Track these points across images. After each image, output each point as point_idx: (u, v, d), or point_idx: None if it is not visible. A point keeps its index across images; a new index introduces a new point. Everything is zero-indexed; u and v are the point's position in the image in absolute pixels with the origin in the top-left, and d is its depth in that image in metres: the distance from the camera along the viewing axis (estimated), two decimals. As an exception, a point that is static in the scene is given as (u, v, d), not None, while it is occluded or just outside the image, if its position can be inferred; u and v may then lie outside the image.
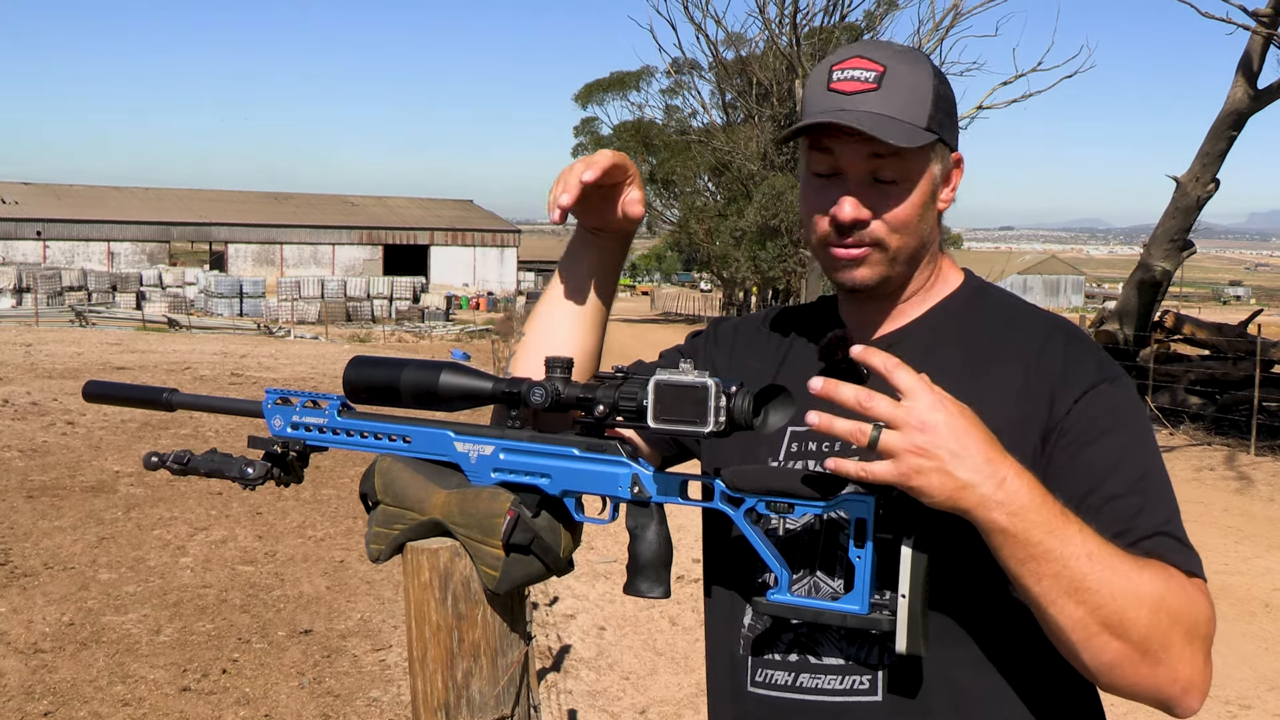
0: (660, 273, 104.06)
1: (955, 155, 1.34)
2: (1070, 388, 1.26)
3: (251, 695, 4.92)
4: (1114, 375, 1.30)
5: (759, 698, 1.33)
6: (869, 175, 1.28)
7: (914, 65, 1.29)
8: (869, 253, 1.30)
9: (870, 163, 1.27)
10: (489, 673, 1.25)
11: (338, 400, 1.34)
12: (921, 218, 1.31)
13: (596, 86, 46.41)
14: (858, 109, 1.25)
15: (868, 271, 1.31)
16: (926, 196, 1.30)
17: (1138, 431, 1.27)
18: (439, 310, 44.72)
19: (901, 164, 1.27)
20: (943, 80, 1.31)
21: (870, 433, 1.09)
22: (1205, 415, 13.60)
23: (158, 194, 61.85)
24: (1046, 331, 1.33)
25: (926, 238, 1.34)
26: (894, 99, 1.26)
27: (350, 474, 9.17)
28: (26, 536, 7.26)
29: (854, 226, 1.29)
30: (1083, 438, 1.23)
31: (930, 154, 1.29)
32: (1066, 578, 1.10)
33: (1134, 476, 1.23)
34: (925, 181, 1.29)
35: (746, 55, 33.86)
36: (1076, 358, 1.30)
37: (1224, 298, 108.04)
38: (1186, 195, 14.03)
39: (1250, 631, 6.09)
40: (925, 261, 1.37)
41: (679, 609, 6.19)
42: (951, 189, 1.35)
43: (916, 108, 1.27)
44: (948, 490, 1.08)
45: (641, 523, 1.23)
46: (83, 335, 26.48)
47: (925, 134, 1.26)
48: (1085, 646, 1.13)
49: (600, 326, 1.45)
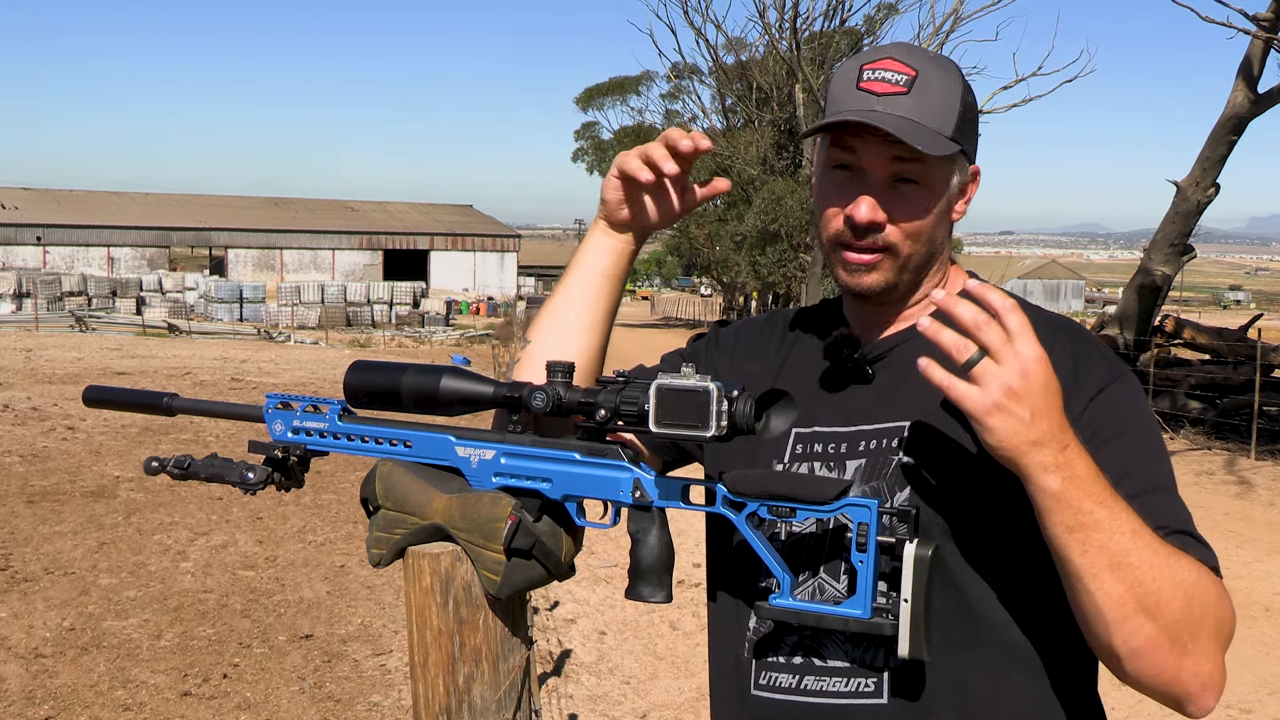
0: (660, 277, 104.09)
1: (974, 168, 1.34)
2: (1085, 387, 1.26)
3: (252, 700, 4.91)
4: (1123, 374, 1.30)
5: (763, 700, 1.33)
6: (889, 178, 1.28)
7: (945, 73, 1.29)
8: (881, 258, 1.30)
9: (892, 165, 1.27)
10: (490, 678, 1.25)
11: (338, 405, 1.34)
12: (936, 226, 1.31)
13: (596, 91, 46.44)
14: (888, 111, 1.26)
15: (877, 277, 1.31)
16: (943, 206, 1.31)
17: (1149, 431, 1.28)
18: (439, 315, 44.70)
19: (923, 170, 1.27)
20: (969, 91, 1.31)
21: (972, 353, 1.08)
22: (1205, 420, 13.60)
23: (158, 199, 61.89)
24: (1052, 332, 1.31)
25: (937, 247, 1.34)
26: (923, 105, 1.26)
27: (351, 479, 9.17)
28: (27, 541, 7.26)
29: (869, 229, 1.29)
30: (1098, 437, 1.22)
31: (952, 164, 1.30)
32: (1111, 550, 1.10)
33: (1150, 476, 1.23)
34: (943, 191, 1.30)
35: (746, 60, 33.92)
36: (1087, 357, 1.30)
37: (1224, 302, 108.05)
38: (1187, 200, 14.04)
39: (1251, 636, 6.09)
40: (933, 270, 1.37)
41: (679, 614, 6.18)
42: (966, 201, 1.35)
43: (944, 116, 1.27)
44: (1018, 440, 1.09)
45: (643, 527, 1.23)
46: (83, 340, 26.48)
47: (950, 143, 1.27)
48: (1119, 627, 1.12)
49: (608, 331, 1.45)
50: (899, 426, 1.30)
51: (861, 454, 1.31)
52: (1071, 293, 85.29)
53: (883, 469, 1.29)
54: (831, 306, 1.49)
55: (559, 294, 1.44)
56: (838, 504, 1.15)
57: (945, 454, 1.27)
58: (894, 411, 1.32)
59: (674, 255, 77.42)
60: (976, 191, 1.37)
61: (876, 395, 1.34)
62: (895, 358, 1.35)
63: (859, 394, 1.36)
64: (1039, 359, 1.09)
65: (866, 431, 1.32)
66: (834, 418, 1.35)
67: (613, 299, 1.43)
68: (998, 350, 1.08)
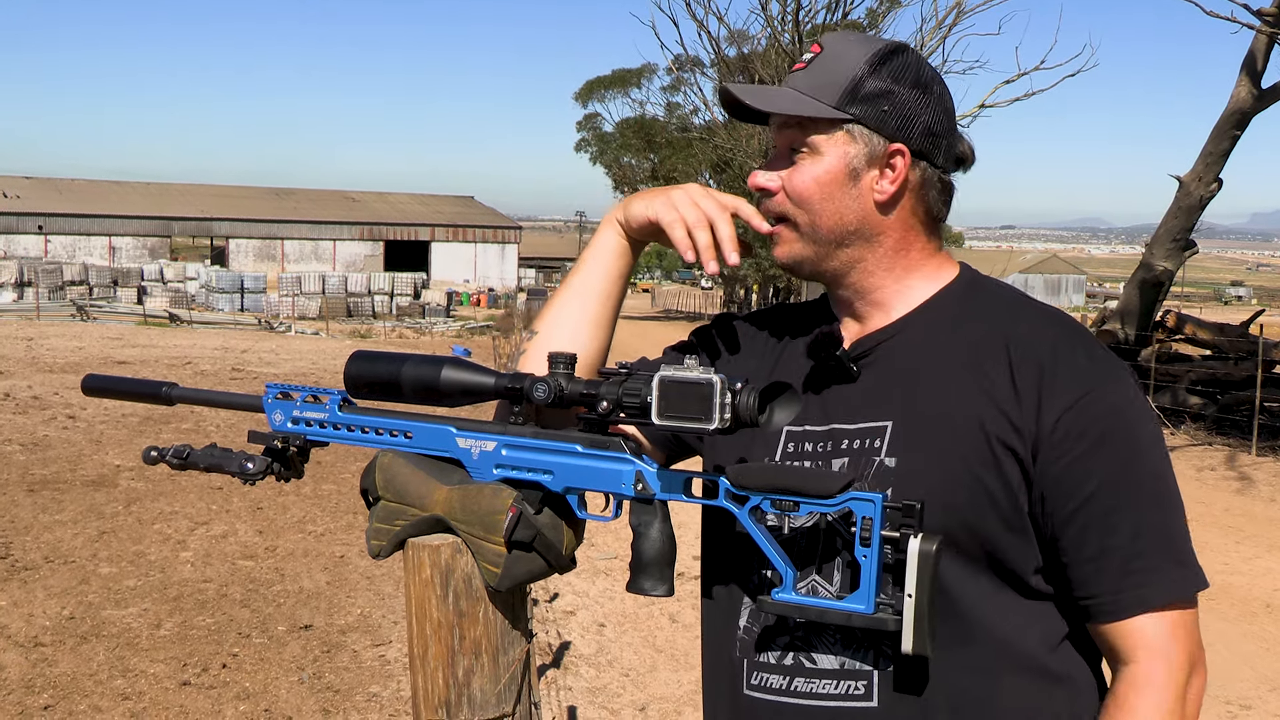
0: (661, 270, 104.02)
1: (894, 146, 1.30)
2: (1061, 392, 1.23)
3: (251, 690, 4.91)
4: (1111, 375, 1.26)
5: (754, 701, 1.32)
6: (788, 146, 1.33)
7: (857, 48, 1.32)
8: (780, 230, 1.35)
9: (782, 134, 1.33)
10: (490, 670, 1.24)
11: (339, 395, 1.33)
12: (827, 195, 1.31)
13: (598, 83, 46.38)
14: (786, 86, 1.33)
15: (783, 250, 1.36)
16: (836, 174, 1.31)
17: (1134, 439, 1.24)
18: (440, 306, 44.72)
19: (807, 139, 1.31)
20: (893, 70, 1.31)
21: None
22: (1206, 415, 13.59)
23: (159, 189, 61.82)
24: (1044, 327, 1.30)
25: (848, 224, 1.31)
26: (812, 77, 1.32)
27: (351, 469, 9.17)
28: (27, 530, 7.26)
29: (762, 195, 1.35)
30: (1074, 449, 1.21)
31: (840, 131, 1.30)
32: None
33: (1119, 497, 1.23)
34: (833, 159, 1.30)
35: (749, 52, 33.83)
36: (1068, 358, 1.25)
37: (1225, 298, 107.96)
38: (1189, 195, 14.01)
39: (1251, 632, 6.08)
40: (880, 255, 1.33)
41: (679, 606, 6.18)
42: (892, 181, 1.31)
43: (829, 87, 1.30)
44: None
45: (645, 520, 1.22)
46: (84, 330, 26.49)
47: (819, 106, 1.29)
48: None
49: (613, 329, 1.45)
50: (881, 426, 1.28)
51: (844, 453, 1.29)
52: (1073, 287, 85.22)
53: (865, 468, 1.27)
54: (826, 302, 1.47)
55: (569, 288, 1.43)
56: (842, 498, 1.15)
57: (929, 453, 1.25)
58: (877, 411, 1.29)
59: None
60: (907, 171, 1.31)
61: (860, 394, 1.32)
62: (879, 355, 1.33)
63: (843, 392, 1.33)
64: None
65: (849, 430, 1.30)
66: (819, 416, 1.33)
67: (620, 298, 1.45)
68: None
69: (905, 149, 1.30)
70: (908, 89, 1.30)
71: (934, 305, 1.35)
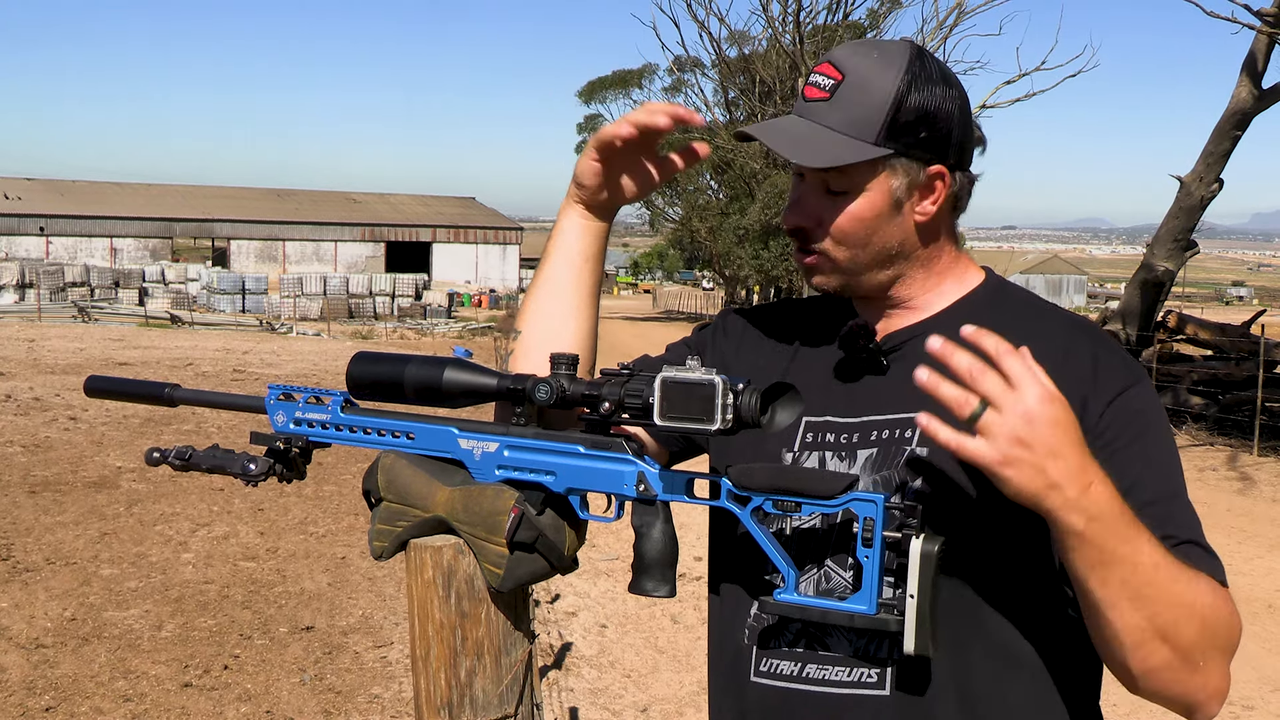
0: (662, 271, 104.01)
1: (935, 168, 1.29)
2: (1103, 391, 1.25)
3: (253, 691, 4.91)
4: (1141, 377, 1.29)
5: (763, 688, 1.32)
6: (821, 182, 1.29)
7: (882, 71, 1.26)
8: (819, 260, 1.32)
9: (816, 173, 1.29)
10: (492, 671, 1.24)
11: (341, 396, 1.33)
12: (871, 230, 1.29)
13: (599, 84, 46.37)
14: (810, 119, 1.27)
15: (823, 279, 1.35)
16: (880, 209, 1.28)
17: (1163, 435, 1.27)
18: (441, 307, 44.73)
19: (845, 178, 1.27)
20: (921, 89, 1.26)
21: (974, 406, 1.06)
22: (1208, 415, 13.59)
23: (160, 190, 61.83)
24: (1070, 332, 1.31)
25: (890, 249, 1.31)
26: (842, 111, 1.26)
27: (353, 470, 9.17)
28: (29, 531, 7.26)
29: (799, 235, 1.32)
30: (1116, 442, 1.22)
31: (881, 167, 1.27)
32: (1133, 584, 1.10)
33: (1161, 484, 1.23)
34: (877, 195, 1.28)
35: (749, 53, 33.84)
36: (1106, 360, 1.28)
37: (1227, 298, 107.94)
38: (1190, 195, 14.02)
39: (1253, 632, 6.08)
40: (916, 267, 1.34)
41: (680, 607, 6.18)
42: (933, 201, 1.30)
43: (864, 123, 1.25)
44: (1036, 486, 1.07)
45: (647, 521, 1.22)
46: (85, 331, 26.50)
47: (864, 148, 1.25)
48: (1135, 651, 1.14)
49: (596, 312, 1.44)
50: (912, 417, 1.28)
51: (873, 443, 1.30)
52: (1074, 288, 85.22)
53: (894, 458, 1.28)
54: (835, 297, 1.47)
55: (541, 282, 1.42)
56: (843, 498, 1.15)
57: None
58: (908, 402, 1.29)
59: (676, 248, 77.35)
60: (948, 190, 1.31)
61: (891, 385, 1.33)
62: (909, 350, 1.34)
63: (873, 384, 1.34)
64: (1043, 399, 1.06)
65: (879, 421, 1.31)
66: (847, 407, 1.34)
67: (595, 279, 1.43)
68: (999, 399, 1.06)
69: (945, 170, 1.30)
70: (937, 102, 1.28)
71: (964, 306, 1.36)
